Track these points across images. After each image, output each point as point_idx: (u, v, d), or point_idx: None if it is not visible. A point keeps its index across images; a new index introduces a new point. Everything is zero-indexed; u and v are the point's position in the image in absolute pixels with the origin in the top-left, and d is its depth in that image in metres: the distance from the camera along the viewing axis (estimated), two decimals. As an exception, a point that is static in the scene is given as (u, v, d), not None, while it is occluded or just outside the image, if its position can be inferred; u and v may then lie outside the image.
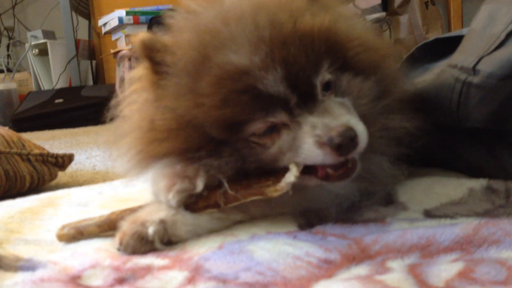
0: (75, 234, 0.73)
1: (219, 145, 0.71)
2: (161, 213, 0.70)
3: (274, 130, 0.70)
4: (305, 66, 0.70)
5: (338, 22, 0.76)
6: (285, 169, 0.70)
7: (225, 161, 0.71)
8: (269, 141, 0.71)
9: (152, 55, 0.73)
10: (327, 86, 0.72)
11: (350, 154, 0.68)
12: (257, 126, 0.70)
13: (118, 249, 0.67)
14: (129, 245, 0.66)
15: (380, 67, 0.80)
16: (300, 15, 0.72)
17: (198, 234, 0.71)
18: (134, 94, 0.80)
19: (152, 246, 0.67)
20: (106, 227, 0.74)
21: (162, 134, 0.73)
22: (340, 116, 0.69)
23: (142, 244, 0.66)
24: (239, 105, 0.68)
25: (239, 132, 0.70)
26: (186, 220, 0.71)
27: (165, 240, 0.68)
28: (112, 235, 0.71)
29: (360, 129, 0.68)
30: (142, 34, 0.74)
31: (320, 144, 0.67)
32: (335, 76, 0.73)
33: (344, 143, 0.66)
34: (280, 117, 0.70)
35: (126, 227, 0.69)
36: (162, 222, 0.68)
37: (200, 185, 0.71)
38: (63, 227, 0.74)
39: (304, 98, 0.70)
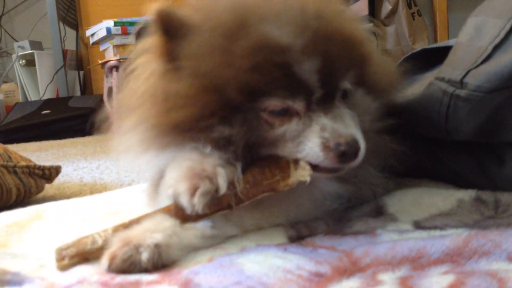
0: (80, 261, 0.67)
1: (232, 113, 0.71)
2: (156, 235, 0.65)
3: (286, 114, 0.72)
4: (340, 67, 0.72)
5: (367, 38, 0.80)
6: (288, 163, 0.72)
7: (236, 130, 0.71)
8: (278, 122, 0.72)
9: (170, 22, 0.72)
10: (345, 94, 0.75)
11: (347, 164, 0.71)
12: (275, 103, 0.71)
13: (106, 270, 0.63)
14: (119, 268, 0.62)
15: (388, 93, 0.83)
16: (343, 18, 0.76)
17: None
18: (142, 66, 0.77)
19: (143, 269, 0.63)
20: None
21: (178, 102, 0.71)
22: (350, 126, 0.71)
23: (133, 268, 0.62)
24: (269, 77, 0.69)
25: (256, 102, 0.71)
26: (182, 243, 0.67)
27: (158, 265, 0.64)
28: None
29: (363, 144, 0.70)
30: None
31: (325, 147, 0.69)
32: (352, 88, 0.76)
33: (348, 152, 0.69)
34: (298, 105, 0.71)
35: (116, 248, 0.64)
36: (157, 246, 0.64)
37: (223, 185, 0.68)
38: (62, 256, 0.67)
39: (325, 97, 0.72)
